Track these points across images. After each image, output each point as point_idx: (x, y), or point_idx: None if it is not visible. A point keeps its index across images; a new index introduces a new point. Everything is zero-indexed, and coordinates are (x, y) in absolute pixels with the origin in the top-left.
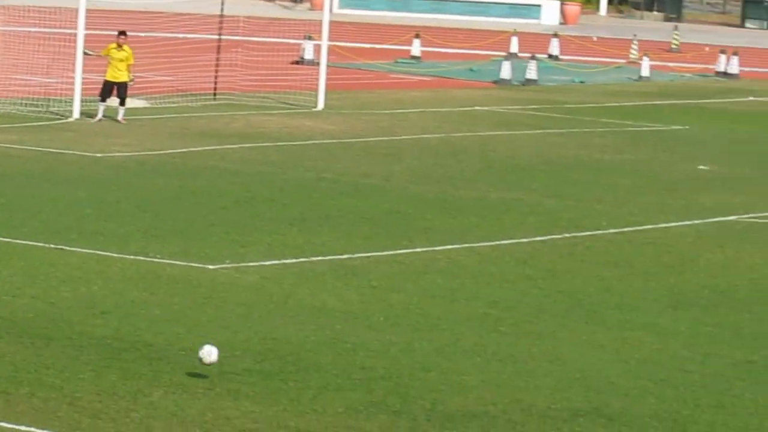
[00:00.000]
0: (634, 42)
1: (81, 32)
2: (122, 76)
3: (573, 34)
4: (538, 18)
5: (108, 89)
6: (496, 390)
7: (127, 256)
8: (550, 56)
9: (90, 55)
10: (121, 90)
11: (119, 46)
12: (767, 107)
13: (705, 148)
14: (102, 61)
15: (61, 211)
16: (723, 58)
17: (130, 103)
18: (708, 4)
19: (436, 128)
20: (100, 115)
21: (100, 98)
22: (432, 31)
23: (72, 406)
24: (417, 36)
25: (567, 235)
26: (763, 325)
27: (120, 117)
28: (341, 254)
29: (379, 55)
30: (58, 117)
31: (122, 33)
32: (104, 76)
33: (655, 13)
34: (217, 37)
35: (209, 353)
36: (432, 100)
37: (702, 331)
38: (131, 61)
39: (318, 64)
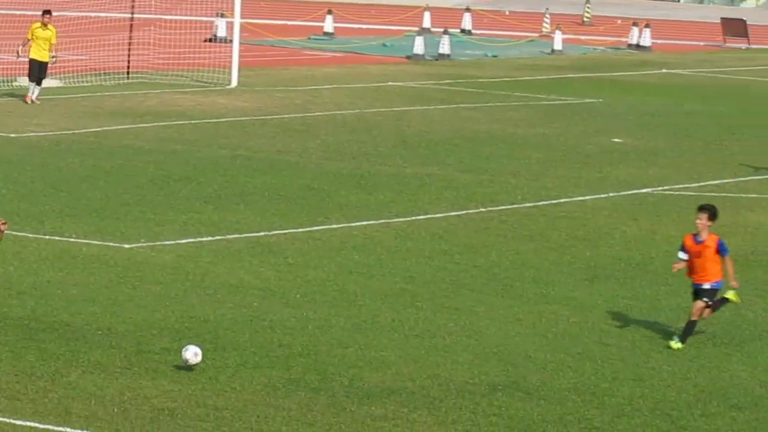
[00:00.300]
0: (546, 15)
1: None
2: (46, 56)
3: (485, 8)
4: None
5: (36, 68)
6: (414, 365)
7: (43, 236)
8: (463, 31)
9: (20, 56)
10: (41, 69)
11: (44, 25)
12: (680, 79)
13: (619, 121)
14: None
15: None
16: (635, 30)
17: (44, 83)
18: None
19: (350, 104)
20: (36, 94)
21: (29, 78)
22: (344, 7)
23: None
24: (330, 12)
25: (482, 209)
26: (679, 297)
27: (35, 96)
28: (257, 231)
29: (292, 32)
30: None
31: (47, 12)
32: (27, 55)
33: None
34: (129, 15)
35: (194, 355)
36: (345, 76)
37: (619, 304)
38: (54, 41)
39: (231, 41)
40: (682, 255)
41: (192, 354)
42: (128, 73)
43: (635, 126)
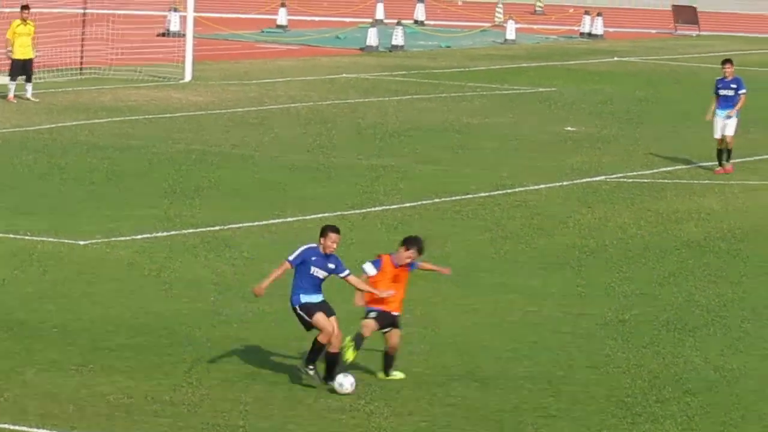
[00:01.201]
0: (499, 5)
1: None
2: (29, 53)
3: None
4: None
5: (19, 67)
6: (370, 357)
7: None
8: (416, 22)
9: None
10: (26, 66)
11: (24, 20)
12: (632, 67)
13: (572, 109)
14: None
15: None
16: (587, 19)
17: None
18: None
19: (305, 97)
20: (12, 94)
21: (10, 77)
22: (297, 0)
23: None
24: (283, 5)
25: (437, 200)
26: (633, 284)
27: (30, 94)
28: (213, 226)
29: (245, 25)
30: None
31: (25, 7)
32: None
33: None
34: (82, 11)
35: (349, 385)
36: (299, 68)
37: (573, 292)
38: (32, 34)
39: (184, 35)
40: (370, 269)
41: (349, 384)
42: (81, 68)
43: (588, 114)
